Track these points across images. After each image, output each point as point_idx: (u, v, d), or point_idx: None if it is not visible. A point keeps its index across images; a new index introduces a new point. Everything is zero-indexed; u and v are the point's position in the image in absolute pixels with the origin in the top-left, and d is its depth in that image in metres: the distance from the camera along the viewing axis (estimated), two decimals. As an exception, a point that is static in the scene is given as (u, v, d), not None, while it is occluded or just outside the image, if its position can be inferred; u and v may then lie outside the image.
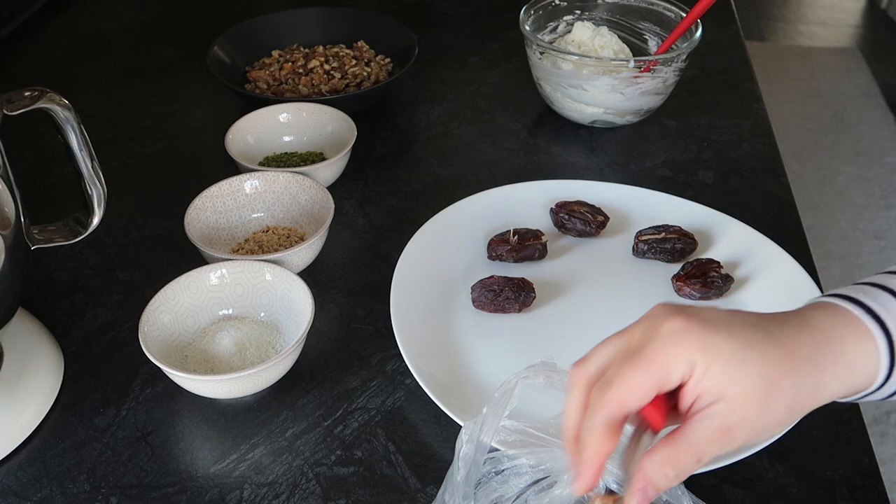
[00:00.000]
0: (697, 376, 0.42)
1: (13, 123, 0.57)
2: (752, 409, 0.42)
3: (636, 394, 0.42)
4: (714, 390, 0.42)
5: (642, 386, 0.42)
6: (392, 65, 1.03)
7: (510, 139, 0.95)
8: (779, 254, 0.73)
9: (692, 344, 0.42)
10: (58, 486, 0.58)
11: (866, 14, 3.28)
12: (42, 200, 0.84)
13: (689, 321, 0.43)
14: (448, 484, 0.50)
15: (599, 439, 0.43)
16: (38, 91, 0.59)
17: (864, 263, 2.07)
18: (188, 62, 1.08)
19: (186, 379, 0.60)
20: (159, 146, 0.94)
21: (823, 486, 0.58)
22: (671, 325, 0.43)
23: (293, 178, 0.78)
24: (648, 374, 0.42)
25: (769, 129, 0.96)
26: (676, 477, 0.43)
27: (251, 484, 0.58)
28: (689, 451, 0.42)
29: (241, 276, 0.68)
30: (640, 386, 0.42)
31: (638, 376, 0.42)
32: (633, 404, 0.43)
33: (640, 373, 0.42)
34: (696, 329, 0.42)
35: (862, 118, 2.61)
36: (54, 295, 0.73)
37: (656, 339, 0.43)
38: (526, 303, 0.70)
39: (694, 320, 0.43)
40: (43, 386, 0.64)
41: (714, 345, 0.42)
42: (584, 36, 0.94)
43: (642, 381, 0.42)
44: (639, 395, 0.42)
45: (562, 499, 0.49)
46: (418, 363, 0.63)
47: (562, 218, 0.78)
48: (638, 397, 0.42)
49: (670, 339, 0.42)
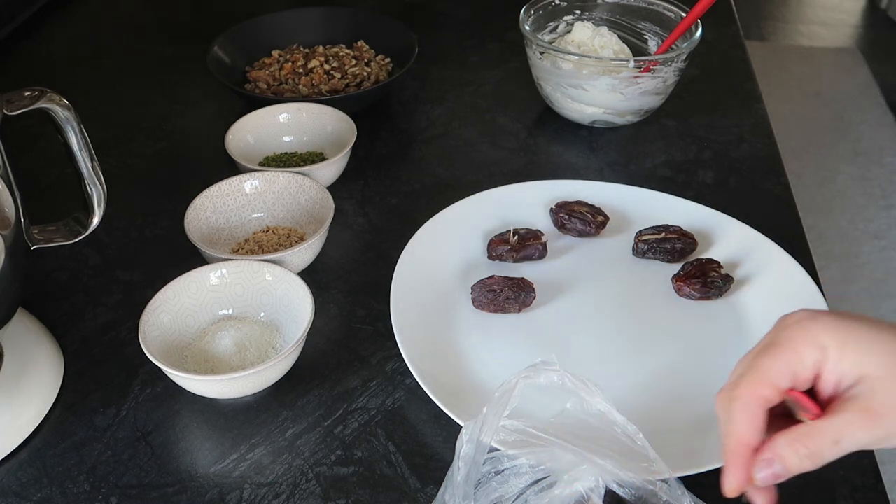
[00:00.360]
0: (833, 360, 0.41)
1: (13, 123, 0.57)
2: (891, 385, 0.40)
3: (769, 379, 0.42)
4: (852, 371, 0.41)
5: (774, 369, 0.42)
6: (392, 65, 1.03)
7: (510, 139, 0.95)
8: (779, 254, 0.73)
9: (821, 328, 0.42)
10: (58, 486, 0.58)
11: (866, 14, 3.28)
12: (42, 200, 0.84)
13: (815, 313, 0.43)
14: (448, 484, 0.50)
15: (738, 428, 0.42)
16: (38, 91, 0.59)
17: (864, 263, 2.07)
18: (188, 62, 1.08)
19: (186, 379, 0.60)
20: (159, 146, 0.94)
21: (823, 486, 0.58)
22: (798, 317, 0.43)
23: (293, 178, 0.78)
24: (779, 358, 0.42)
25: (769, 129, 0.96)
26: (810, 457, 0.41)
27: (251, 484, 0.58)
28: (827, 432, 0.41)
29: (241, 276, 0.68)
30: (772, 369, 0.42)
31: (769, 361, 0.42)
32: (766, 391, 0.42)
33: (771, 358, 0.42)
34: (823, 317, 0.43)
35: (862, 118, 2.61)
36: (54, 295, 0.74)
37: (785, 329, 0.43)
38: (526, 303, 0.70)
39: (820, 312, 0.43)
40: (43, 386, 0.64)
41: (844, 327, 0.42)
42: (584, 36, 0.94)
43: (773, 364, 0.42)
44: (772, 380, 0.42)
45: (562, 499, 0.49)
46: (418, 363, 0.63)
47: (562, 218, 0.78)
48: (771, 383, 0.42)
49: (799, 325, 0.43)
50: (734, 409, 0.42)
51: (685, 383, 0.64)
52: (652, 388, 0.64)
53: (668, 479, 0.50)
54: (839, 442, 0.40)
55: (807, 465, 0.41)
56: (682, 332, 0.69)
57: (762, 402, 0.42)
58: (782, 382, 0.42)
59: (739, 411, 0.42)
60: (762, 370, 0.42)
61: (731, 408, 0.42)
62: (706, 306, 0.71)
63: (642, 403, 0.62)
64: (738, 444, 0.42)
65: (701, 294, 0.71)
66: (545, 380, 0.51)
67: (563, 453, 0.51)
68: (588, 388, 0.52)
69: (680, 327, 0.69)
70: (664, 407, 0.62)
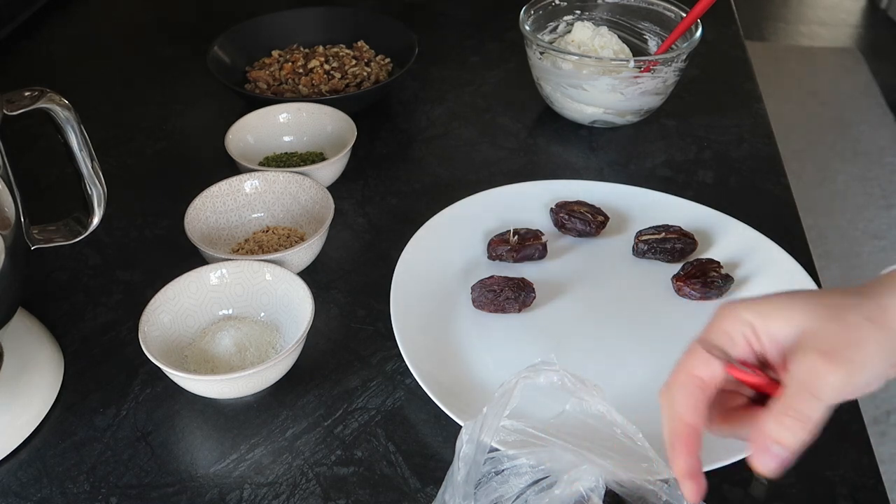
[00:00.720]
0: (760, 328, 0.43)
1: (13, 123, 0.57)
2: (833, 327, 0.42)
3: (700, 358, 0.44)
4: (784, 330, 0.42)
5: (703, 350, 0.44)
6: (392, 65, 1.03)
7: (510, 139, 0.95)
8: (779, 254, 0.73)
9: (742, 308, 0.44)
10: (58, 486, 0.58)
11: (866, 14, 3.28)
12: (42, 200, 0.84)
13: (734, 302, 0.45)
14: (448, 484, 0.50)
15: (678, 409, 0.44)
16: (38, 91, 0.59)
17: (864, 263, 2.07)
18: (188, 62, 1.08)
19: (186, 379, 0.60)
20: (159, 146, 0.94)
21: (823, 486, 0.58)
22: (727, 306, 0.45)
23: (293, 178, 0.78)
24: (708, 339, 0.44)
25: (769, 129, 0.96)
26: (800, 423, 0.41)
27: (251, 484, 0.58)
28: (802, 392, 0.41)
29: (241, 276, 0.68)
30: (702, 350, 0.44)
31: (697, 345, 0.44)
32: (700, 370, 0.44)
33: (700, 343, 0.44)
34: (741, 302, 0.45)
35: (862, 118, 2.61)
36: (54, 295, 0.74)
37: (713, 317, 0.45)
38: (526, 303, 0.70)
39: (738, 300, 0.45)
40: (43, 386, 0.64)
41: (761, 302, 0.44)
42: (584, 36, 0.94)
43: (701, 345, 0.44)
44: (704, 359, 0.44)
45: (562, 499, 0.49)
46: (418, 363, 0.63)
47: (562, 218, 0.78)
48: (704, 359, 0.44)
49: (724, 310, 0.45)
50: (672, 394, 0.44)
51: (685, 383, 0.64)
52: (652, 388, 0.63)
53: (668, 479, 0.50)
54: (817, 393, 0.41)
55: (801, 434, 0.41)
56: (682, 332, 0.68)
57: (697, 381, 0.44)
58: (714, 362, 0.44)
59: (677, 392, 0.44)
60: (692, 352, 0.45)
61: (670, 394, 0.45)
62: (706, 306, 0.71)
63: (642, 403, 0.62)
64: (679, 423, 0.44)
65: (701, 294, 0.71)
66: (545, 380, 0.51)
67: (563, 453, 0.51)
68: (588, 388, 0.52)
69: (680, 327, 0.69)
70: (664, 407, 0.62)
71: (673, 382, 0.45)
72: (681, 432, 0.44)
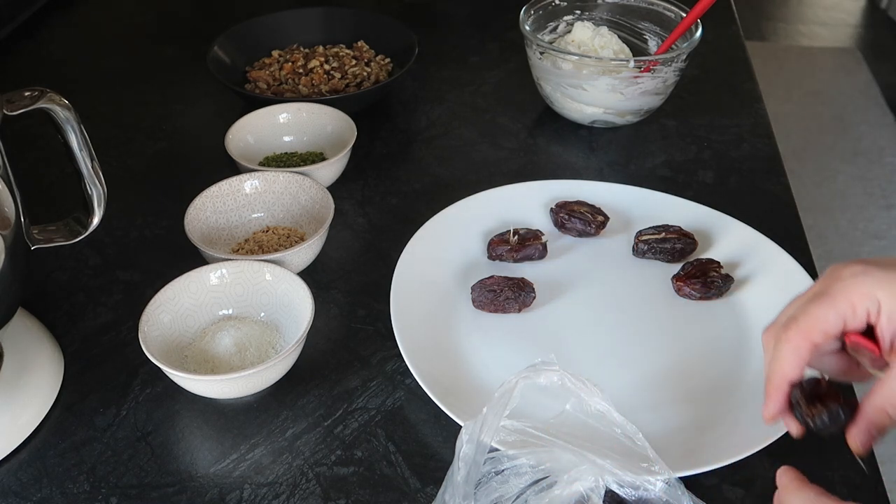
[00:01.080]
0: (887, 310, 0.44)
1: (13, 123, 0.57)
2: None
3: (821, 326, 0.45)
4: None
5: (827, 318, 0.44)
6: (392, 65, 1.03)
7: (510, 139, 0.95)
8: (779, 254, 0.73)
9: (874, 282, 0.44)
10: (58, 486, 0.58)
11: (866, 14, 3.28)
12: (42, 200, 0.84)
13: (867, 265, 0.45)
14: (448, 484, 0.50)
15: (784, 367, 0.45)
16: (38, 91, 0.59)
17: (864, 263, 2.07)
18: (188, 62, 1.08)
19: (186, 379, 0.60)
20: (159, 146, 0.94)
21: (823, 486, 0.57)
22: (852, 269, 0.45)
23: (293, 178, 0.78)
24: (833, 307, 0.44)
25: (769, 129, 0.96)
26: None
27: (251, 484, 0.58)
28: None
29: (241, 276, 0.68)
30: (826, 318, 0.44)
31: (823, 309, 0.45)
32: (817, 338, 0.45)
33: (826, 307, 0.45)
34: (875, 270, 0.45)
35: (862, 118, 2.61)
36: (54, 295, 0.73)
37: (839, 280, 0.45)
38: (526, 303, 0.70)
39: (871, 264, 0.45)
40: (43, 386, 0.64)
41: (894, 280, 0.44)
42: (584, 36, 0.94)
43: (827, 313, 0.44)
44: (824, 327, 0.44)
45: (562, 499, 0.49)
46: (418, 363, 0.63)
47: (562, 218, 0.78)
48: (823, 330, 0.45)
49: (854, 279, 0.45)
50: (784, 349, 0.46)
51: (685, 383, 0.64)
52: (651, 388, 0.64)
53: (668, 479, 0.50)
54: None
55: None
56: (682, 332, 0.69)
57: (811, 347, 0.45)
58: (833, 330, 0.45)
59: (790, 353, 0.45)
60: (815, 317, 0.45)
61: (781, 348, 0.46)
62: (706, 306, 0.71)
63: (642, 403, 0.62)
64: (783, 381, 0.46)
65: (701, 294, 0.71)
66: (545, 380, 0.51)
67: (563, 453, 0.51)
68: (588, 388, 0.52)
69: (680, 327, 0.69)
70: (664, 407, 0.62)
71: (788, 339, 0.46)
72: (781, 387, 0.46)
